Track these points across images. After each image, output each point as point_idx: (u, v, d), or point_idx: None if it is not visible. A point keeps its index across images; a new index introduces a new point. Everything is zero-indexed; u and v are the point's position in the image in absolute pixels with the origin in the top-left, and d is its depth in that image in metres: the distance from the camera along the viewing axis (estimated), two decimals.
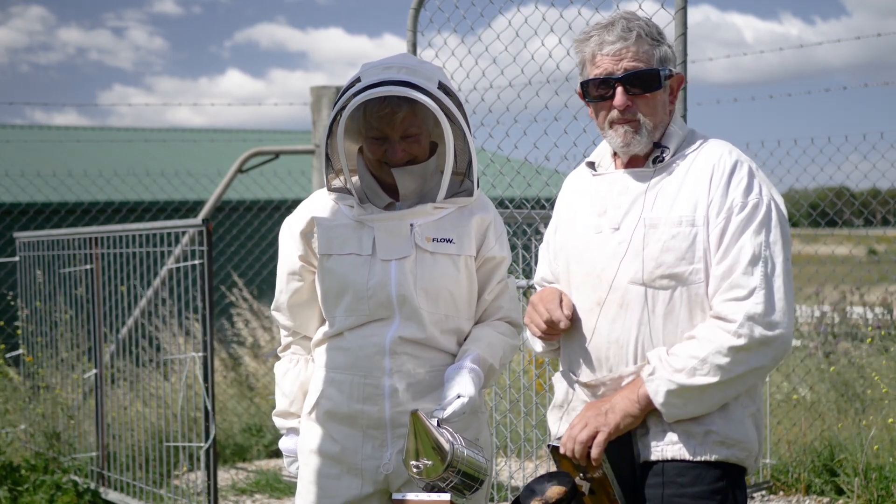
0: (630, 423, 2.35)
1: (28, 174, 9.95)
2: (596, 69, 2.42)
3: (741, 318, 2.27)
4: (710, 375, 2.28)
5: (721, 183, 2.36)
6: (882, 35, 6.65)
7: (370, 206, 2.62)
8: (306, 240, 2.67)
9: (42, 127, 17.99)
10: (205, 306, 4.85)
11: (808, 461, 5.48)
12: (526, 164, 5.11)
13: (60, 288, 6.14)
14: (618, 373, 2.39)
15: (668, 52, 2.45)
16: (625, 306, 2.38)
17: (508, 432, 4.94)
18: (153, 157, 14.51)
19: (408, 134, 2.55)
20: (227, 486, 6.23)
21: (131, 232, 5.49)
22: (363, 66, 2.60)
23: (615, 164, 2.53)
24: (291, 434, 2.79)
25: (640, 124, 2.41)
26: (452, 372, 2.55)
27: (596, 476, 2.37)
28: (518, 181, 4.95)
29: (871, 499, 5.04)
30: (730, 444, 2.36)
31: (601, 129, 2.48)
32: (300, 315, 2.74)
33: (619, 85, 2.39)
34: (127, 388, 6.19)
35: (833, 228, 8.21)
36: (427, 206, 2.60)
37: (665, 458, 2.35)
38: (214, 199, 7.29)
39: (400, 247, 2.58)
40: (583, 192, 2.55)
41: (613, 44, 2.39)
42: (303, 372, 2.75)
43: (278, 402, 2.79)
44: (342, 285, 2.60)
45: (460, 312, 2.64)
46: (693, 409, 2.33)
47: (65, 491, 5.59)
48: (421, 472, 2.34)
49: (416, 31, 4.68)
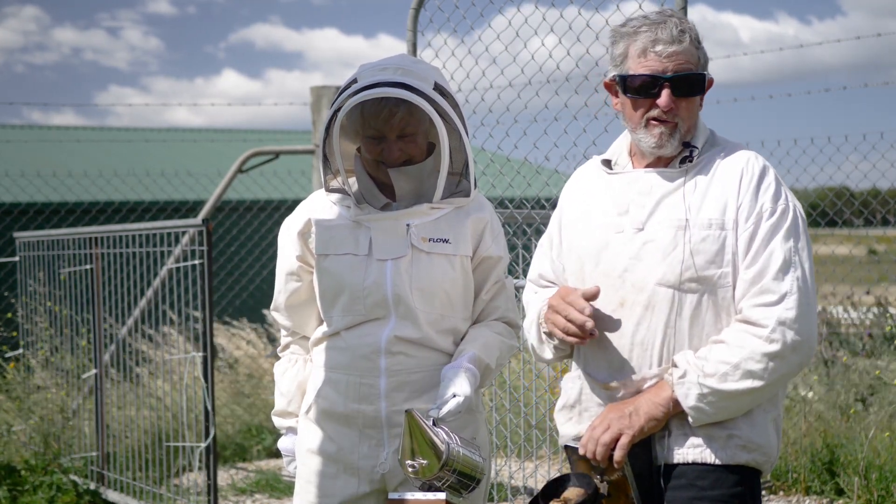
0: (654, 426, 2.33)
1: (28, 174, 9.94)
2: (644, 65, 2.38)
3: (773, 323, 2.26)
4: (742, 381, 2.27)
5: (751, 187, 2.36)
6: (882, 35, 6.65)
7: (367, 206, 2.63)
8: (304, 240, 2.68)
9: (42, 127, 18.00)
10: (205, 306, 4.85)
11: (808, 461, 5.48)
12: (526, 164, 5.11)
13: (60, 288, 6.14)
14: (640, 375, 2.37)
15: (707, 56, 2.45)
16: (651, 308, 2.35)
17: (508, 432, 4.94)
18: (153, 157, 14.51)
19: (404, 134, 2.55)
20: (226, 486, 6.24)
21: (131, 232, 5.49)
22: (360, 66, 2.60)
23: (633, 162, 2.51)
24: (290, 433, 2.80)
25: (677, 128, 2.40)
26: (449, 371, 2.55)
27: (614, 478, 2.36)
28: (518, 181, 4.95)
29: (871, 499, 5.04)
30: (751, 448, 2.35)
31: (633, 126, 2.44)
32: (298, 315, 2.76)
33: (667, 86, 2.37)
34: (127, 389, 6.19)
35: (833, 228, 8.22)
36: (423, 206, 2.60)
37: (686, 462, 2.34)
38: (214, 199, 7.29)
39: (396, 247, 2.59)
40: (596, 190, 2.51)
41: (669, 44, 2.37)
42: (301, 372, 2.76)
43: (277, 402, 2.80)
44: (339, 285, 2.61)
45: (456, 312, 2.64)
46: (722, 415, 2.31)
47: (65, 491, 5.59)
48: (416, 472, 2.34)
49: (416, 31, 4.68)
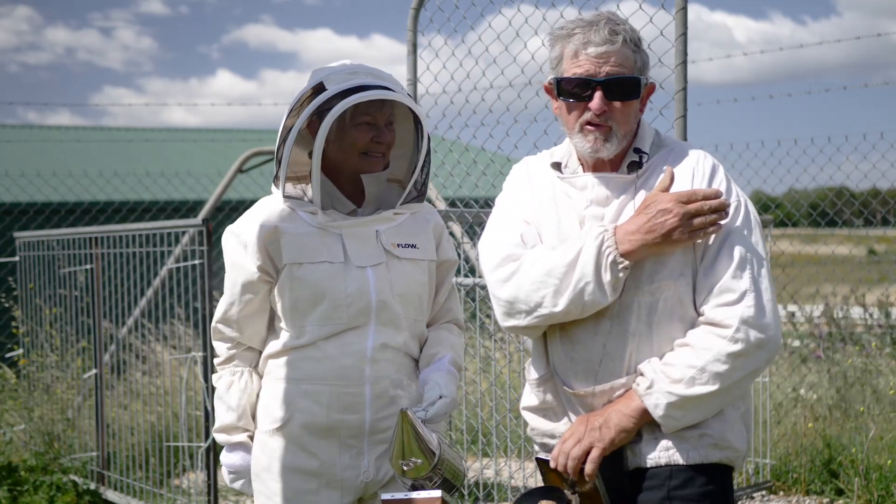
0: (624, 438, 2.32)
1: (28, 174, 9.95)
2: (576, 68, 2.35)
3: (736, 322, 2.25)
4: (709, 384, 2.26)
5: (702, 187, 2.34)
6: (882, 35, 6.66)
7: (333, 212, 2.60)
8: (269, 250, 2.56)
9: (42, 127, 18.00)
10: (204, 306, 4.85)
11: (808, 461, 5.48)
12: None
13: (61, 288, 6.14)
14: (609, 384, 2.36)
15: (646, 60, 2.41)
16: (614, 317, 2.34)
17: (508, 432, 4.94)
18: (153, 157, 14.51)
19: (389, 121, 2.58)
20: (226, 487, 6.23)
21: (131, 232, 5.49)
22: (316, 72, 2.59)
23: (582, 166, 2.47)
24: (239, 450, 2.68)
25: (612, 132, 2.36)
26: (433, 374, 2.57)
27: (586, 490, 2.35)
28: None
29: (871, 499, 5.04)
30: (723, 446, 2.34)
31: (569, 130, 2.41)
32: (250, 327, 2.65)
33: (599, 88, 2.34)
34: (127, 388, 6.19)
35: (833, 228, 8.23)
36: (389, 212, 2.62)
37: (659, 465, 2.33)
38: (214, 199, 7.29)
39: (372, 253, 2.58)
40: (552, 192, 2.47)
41: (599, 46, 2.33)
42: (249, 385, 2.67)
43: (222, 417, 2.68)
44: (317, 294, 2.55)
45: (424, 316, 2.68)
46: (692, 419, 2.31)
47: (65, 491, 5.59)
48: (409, 472, 2.35)
49: (417, 31, 4.68)
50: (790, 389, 6.33)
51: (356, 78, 2.53)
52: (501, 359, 5.69)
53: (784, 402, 6.13)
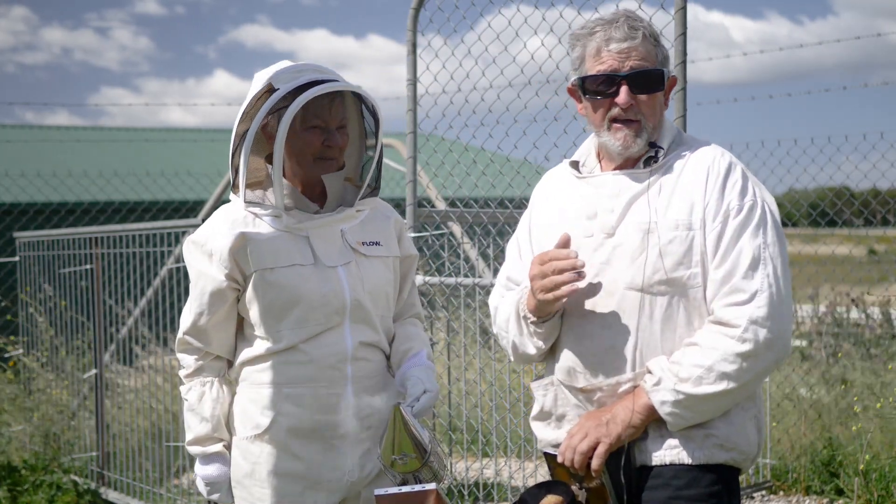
0: (632, 434, 2.32)
1: (28, 174, 9.95)
2: (600, 65, 2.38)
3: (745, 322, 2.25)
4: (716, 384, 2.26)
5: (717, 186, 2.34)
6: (882, 35, 6.66)
7: (297, 212, 2.58)
8: (236, 258, 2.53)
9: (42, 127, 18.00)
10: None
11: (808, 461, 5.48)
12: (526, 164, 5.11)
13: (61, 288, 6.14)
14: (615, 379, 2.36)
15: (666, 54, 2.44)
16: (621, 312, 2.35)
17: (508, 432, 4.94)
18: (153, 157, 14.51)
19: (341, 125, 2.58)
20: None
21: (131, 232, 5.50)
22: (260, 74, 2.58)
23: (601, 165, 2.49)
24: (214, 461, 2.64)
25: (642, 126, 2.38)
26: (414, 369, 2.60)
27: (593, 485, 2.35)
28: (518, 181, 4.94)
29: (871, 499, 5.04)
30: (728, 447, 2.34)
31: (597, 128, 2.42)
32: (218, 336, 2.61)
33: (624, 83, 2.36)
34: (127, 388, 6.19)
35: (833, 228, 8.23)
36: (351, 210, 2.62)
37: (664, 463, 2.33)
38: (214, 199, 7.29)
39: (340, 253, 2.59)
40: (566, 194, 2.51)
41: (621, 42, 2.36)
42: (220, 394, 2.63)
43: (196, 428, 2.62)
44: (291, 297, 2.53)
45: (391, 312, 2.71)
46: (699, 418, 2.31)
47: (65, 491, 5.59)
48: (401, 466, 2.36)
49: (416, 31, 4.68)
50: (789, 389, 6.33)
51: (304, 75, 2.52)
52: (502, 359, 5.70)
53: (783, 403, 6.13)
